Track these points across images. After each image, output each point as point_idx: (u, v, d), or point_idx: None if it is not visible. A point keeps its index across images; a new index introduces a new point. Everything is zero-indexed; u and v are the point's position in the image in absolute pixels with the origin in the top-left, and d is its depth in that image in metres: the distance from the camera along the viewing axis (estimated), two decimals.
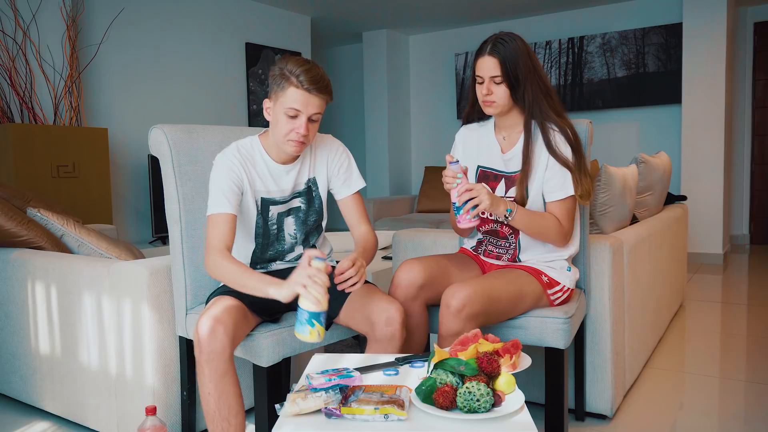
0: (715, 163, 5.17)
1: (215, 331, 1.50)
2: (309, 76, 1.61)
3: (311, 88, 1.61)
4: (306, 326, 1.44)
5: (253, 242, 1.81)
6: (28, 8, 3.74)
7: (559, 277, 1.86)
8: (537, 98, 1.79)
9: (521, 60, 1.75)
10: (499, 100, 1.78)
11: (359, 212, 1.89)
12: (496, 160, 1.89)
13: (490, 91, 1.78)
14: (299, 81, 1.60)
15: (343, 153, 1.89)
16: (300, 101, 1.62)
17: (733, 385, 2.49)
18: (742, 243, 6.10)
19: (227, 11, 5.20)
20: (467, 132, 1.99)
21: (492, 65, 1.75)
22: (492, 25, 6.35)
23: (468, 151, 1.96)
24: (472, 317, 1.64)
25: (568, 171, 1.79)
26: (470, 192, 1.67)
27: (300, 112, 1.63)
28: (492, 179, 1.89)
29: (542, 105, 1.80)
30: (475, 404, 1.16)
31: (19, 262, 2.21)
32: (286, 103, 1.63)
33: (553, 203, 1.82)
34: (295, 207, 1.83)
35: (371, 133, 6.78)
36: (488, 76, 1.77)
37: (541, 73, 1.80)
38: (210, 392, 1.51)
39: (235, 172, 1.70)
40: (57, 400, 2.16)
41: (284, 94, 1.63)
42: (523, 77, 1.76)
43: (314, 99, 1.63)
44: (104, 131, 3.82)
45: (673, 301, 3.33)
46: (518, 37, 1.79)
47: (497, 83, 1.77)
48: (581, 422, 2.13)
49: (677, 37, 5.38)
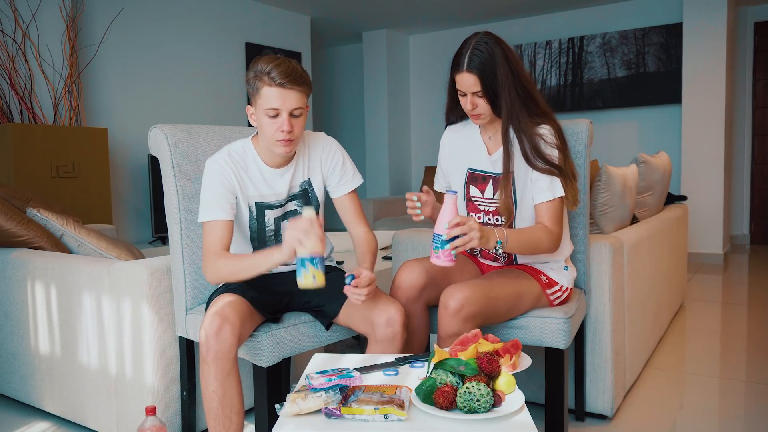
0: (715, 163, 5.17)
1: (223, 330, 1.49)
2: (279, 71, 1.57)
3: (284, 82, 1.57)
4: (301, 270, 1.46)
5: (251, 246, 1.81)
6: (28, 8, 3.74)
7: (557, 277, 1.86)
8: (514, 106, 1.71)
9: (499, 69, 1.68)
10: (485, 111, 1.74)
11: (355, 212, 1.87)
12: (484, 161, 1.85)
13: (474, 105, 1.73)
14: (270, 78, 1.57)
15: (336, 151, 1.85)
16: (276, 99, 1.58)
17: (733, 385, 2.49)
18: (742, 243, 6.10)
19: (227, 11, 5.20)
20: (452, 134, 1.95)
21: (472, 81, 1.69)
22: (492, 25, 6.35)
23: (456, 154, 1.93)
24: (470, 318, 1.64)
25: (554, 176, 1.74)
26: (461, 228, 1.51)
27: (279, 110, 1.60)
28: (480, 181, 1.86)
29: (520, 113, 1.72)
30: (475, 404, 1.16)
31: (19, 262, 2.21)
32: (264, 104, 1.60)
33: (541, 204, 1.77)
34: (291, 210, 1.82)
35: (371, 133, 6.78)
36: (470, 92, 1.72)
37: (521, 76, 1.72)
38: (215, 390, 1.51)
39: (227, 177, 1.69)
40: (57, 400, 2.16)
41: (260, 96, 1.60)
42: (501, 87, 1.69)
43: (290, 93, 1.59)
44: (104, 131, 3.82)
45: (674, 301, 3.33)
46: (495, 40, 1.71)
47: (479, 97, 1.72)
48: (581, 422, 2.13)
49: (677, 37, 5.38)
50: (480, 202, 1.86)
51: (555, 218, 1.76)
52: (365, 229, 1.86)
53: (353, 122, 7.45)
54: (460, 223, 1.51)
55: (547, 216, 1.76)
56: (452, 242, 1.52)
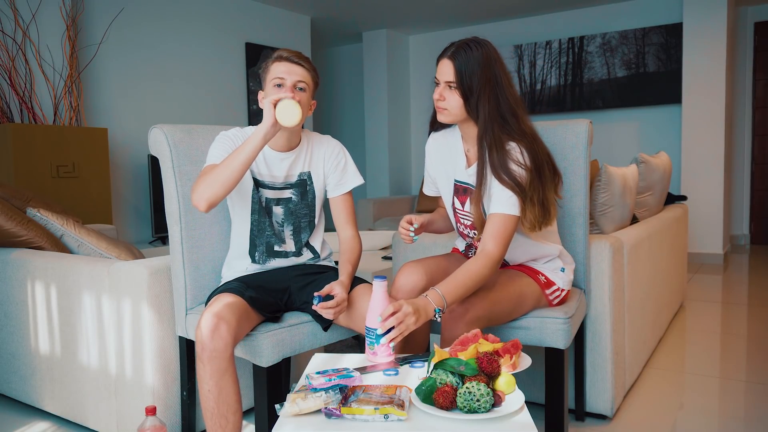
0: (715, 163, 5.17)
1: (218, 329, 1.50)
2: (288, 51, 1.75)
3: (291, 57, 1.74)
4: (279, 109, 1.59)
5: (250, 218, 1.83)
6: (28, 8, 3.74)
7: (554, 278, 1.86)
8: (491, 115, 1.65)
9: (480, 70, 1.63)
10: (452, 108, 1.68)
11: (347, 213, 1.91)
12: (463, 173, 1.81)
13: (442, 97, 1.68)
14: (279, 55, 1.74)
15: (340, 152, 1.91)
16: (283, 70, 1.73)
17: (733, 385, 2.49)
18: (742, 243, 6.10)
19: (227, 11, 5.20)
20: (435, 142, 1.92)
21: (448, 70, 1.65)
22: (492, 25, 6.35)
23: (443, 161, 1.89)
24: (475, 321, 1.64)
25: (514, 193, 1.65)
26: (396, 316, 1.43)
27: (284, 79, 1.72)
28: (461, 192, 1.82)
29: (495, 124, 1.65)
30: (475, 404, 1.16)
31: (19, 262, 2.21)
32: (270, 78, 1.74)
33: (491, 216, 1.67)
34: (285, 198, 1.85)
35: (371, 133, 6.78)
36: (443, 80, 1.68)
37: (506, 90, 1.67)
38: (210, 389, 1.51)
39: (235, 142, 1.77)
40: (57, 400, 2.16)
41: (269, 72, 1.75)
42: (478, 88, 1.63)
43: (296, 68, 1.73)
44: (104, 131, 3.82)
45: (673, 301, 3.33)
46: (488, 46, 1.67)
47: (451, 88, 1.67)
48: (581, 422, 2.13)
49: (677, 37, 5.38)
50: (461, 215, 1.85)
51: (499, 236, 1.65)
52: (353, 233, 1.91)
53: (353, 122, 7.45)
54: (394, 312, 1.44)
55: (491, 231, 1.65)
56: (388, 334, 1.43)
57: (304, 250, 1.91)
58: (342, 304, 1.66)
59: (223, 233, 1.93)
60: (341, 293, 1.67)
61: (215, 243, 1.92)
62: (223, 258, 1.93)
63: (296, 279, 1.85)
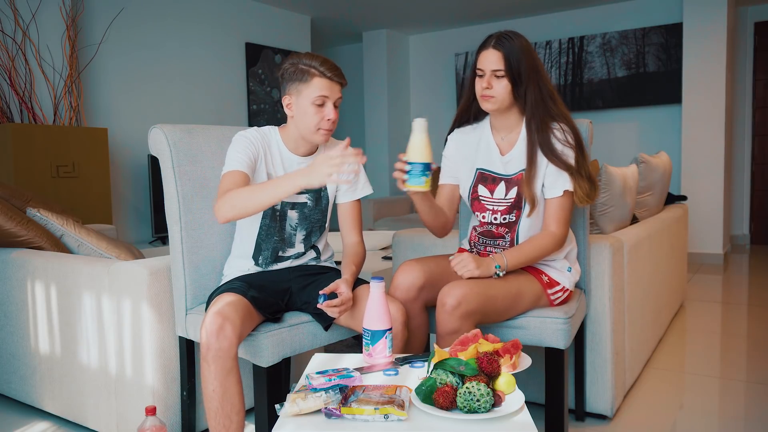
0: (715, 163, 5.17)
1: (223, 329, 1.50)
2: (328, 66, 1.73)
3: (333, 75, 1.73)
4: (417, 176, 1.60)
5: (260, 222, 1.82)
6: (28, 8, 3.74)
7: (559, 278, 1.86)
8: (539, 99, 1.77)
9: (525, 58, 1.73)
10: (498, 95, 1.76)
11: (354, 219, 1.92)
12: (496, 162, 1.87)
13: (490, 85, 1.75)
14: (321, 71, 1.71)
15: None
16: (326, 88, 1.73)
17: (733, 385, 2.49)
18: (742, 243, 6.10)
19: (227, 11, 5.20)
20: (461, 136, 1.96)
21: (495, 59, 1.74)
22: (492, 25, 6.35)
23: (465, 154, 1.93)
24: (468, 315, 1.64)
25: (566, 173, 1.78)
26: (456, 263, 1.68)
27: (327, 99, 1.74)
28: (490, 182, 1.87)
29: (544, 106, 1.77)
30: (475, 404, 1.16)
31: (18, 262, 2.21)
32: (313, 93, 1.72)
33: (549, 200, 1.81)
34: (300, 203, 1.85)
35: (371, 133, 6.78)
36: (490, 69, 1.75)
37: (543, 75, 1.78)
38: (215, 389, 1.51)
39: (254, 143, 1.77)
40: (56, 400, 2.16)
41: (308, 86, 1.72)
42: (525, 75, 1.74)
43: (336, 86, 1.76)
44: (104, 131, 3.82)
45: (674, 301, 3.33)
46: (522, 36, 1.78)
47: (498, 77, 1.74)
48: (581, 422, 2.13)
49: (677, 37, 5.38)
50: (488, 202, 1.87)
51: (560, 218, 1.79)
52: (358, 239, 1.92)
53: (353, 122, 7.45)
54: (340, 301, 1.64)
55: (553, 215, 1.80)
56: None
57: (309, 251, 1.92)
58: (347, 303, 1.67)
59: (224, 233, 1.93)
60: (346, 291, 1.68)
61: (215, 243, 1.92)
62: (223, 258, 1.93)
63: (297, 279, 1.85)
